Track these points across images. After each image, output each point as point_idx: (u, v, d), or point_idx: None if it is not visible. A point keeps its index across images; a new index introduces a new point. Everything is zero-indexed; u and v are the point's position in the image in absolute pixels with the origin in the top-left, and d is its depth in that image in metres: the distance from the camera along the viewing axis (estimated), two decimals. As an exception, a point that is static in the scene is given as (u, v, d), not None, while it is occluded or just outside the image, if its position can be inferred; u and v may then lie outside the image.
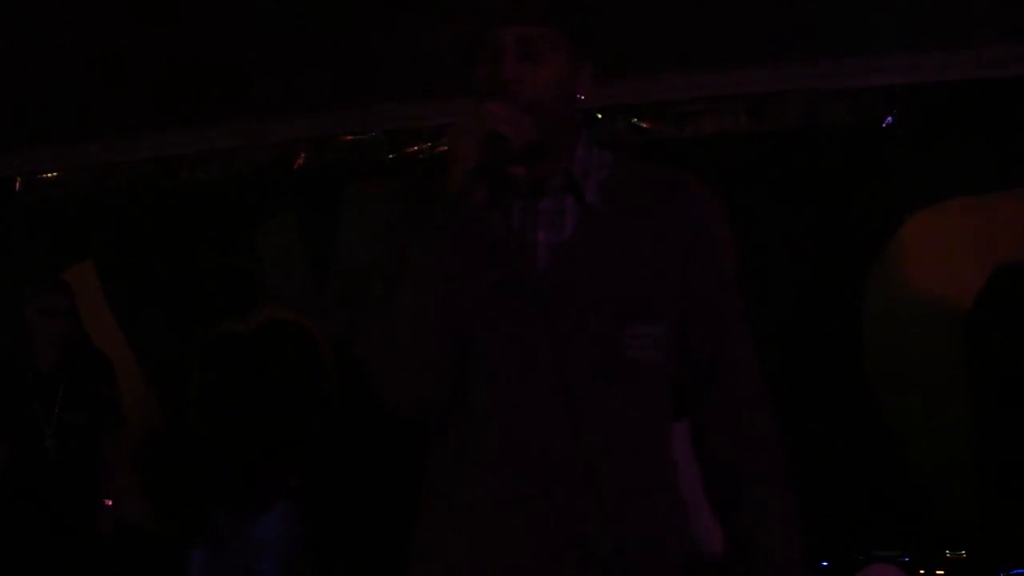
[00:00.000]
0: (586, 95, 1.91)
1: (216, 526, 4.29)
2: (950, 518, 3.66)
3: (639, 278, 1.87)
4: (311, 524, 4.40)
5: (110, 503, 4.32)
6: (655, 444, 1.91)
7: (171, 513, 4.50)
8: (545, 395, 1.83)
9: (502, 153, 1.76)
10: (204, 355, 4.48)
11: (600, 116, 4.57)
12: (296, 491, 4.32)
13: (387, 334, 1.84)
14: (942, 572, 3.26)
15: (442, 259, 1.79)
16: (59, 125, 5.13)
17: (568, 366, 1.82)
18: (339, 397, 4.57)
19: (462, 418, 1.87)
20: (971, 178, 4.22)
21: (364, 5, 4.39)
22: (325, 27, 4.22)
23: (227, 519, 4.28)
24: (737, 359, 1.96)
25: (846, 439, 4.11)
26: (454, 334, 1.82)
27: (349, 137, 5.07)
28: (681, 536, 1.94)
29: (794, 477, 1.97)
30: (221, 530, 4.28)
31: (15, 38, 4.17)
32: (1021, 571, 3.05)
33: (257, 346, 4.40)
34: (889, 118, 4.42)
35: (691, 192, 1.96)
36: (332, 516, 4.57)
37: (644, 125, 4.66)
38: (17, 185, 5.53)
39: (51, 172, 5.50)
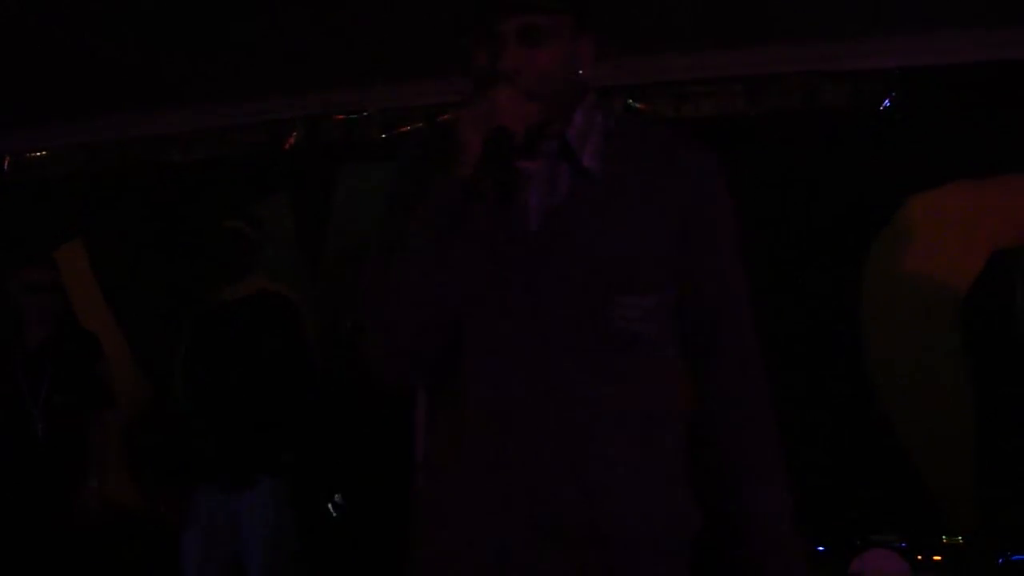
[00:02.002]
0: (587, 70, 1.89)
1: (201, 503, 4.26)
2: (948, 503, 3.65)
3: (631, 246, 1.84)
4: (299, 502, 4.37)
5: (97, 484, 4.28)
6: (644, 417, 1.86)
7: (159, 493, 4.46)
8: (529, 363, 1.80)
9: (508, 147, 1.75)
10: (191, 322, 4.45)
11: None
12: (283, 467, 4.28)
13: (381, 309, 1.82)
14: (939, 558, 3.25)
15: (443, 243, 1.78)
16: (49, 104, 5.09)
17: (552, 334, 1.80)
18: (323, 375, 4.53)
19: (452, 385, 1.86)
20: (969, 161, 4.21)
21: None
22: (318, 5, 4.19)
23: (213, 495, 4.25)
24: (739, 327, 1.94)
25: (843, 424, 4.10)
26: (448, 306, 1.80)
27: (341, 116, 5.04)
28: (673, 515, 1.88)
29: (791, 463, 1.96)
30: (207, 507, 4.25)
31: (2, 17, 4.13)
32: (1019, 557, 3.04)
33: (243, 314, 4.35)
34: (887, 101, 4.41)
35: (692, 156, 1.92)
36: (320, 494, 4.55)
37: (640, 106, 4.64)
38: (6, 164, 5.51)
39: (40, 151, 5.47)
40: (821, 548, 3.62)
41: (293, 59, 4.64)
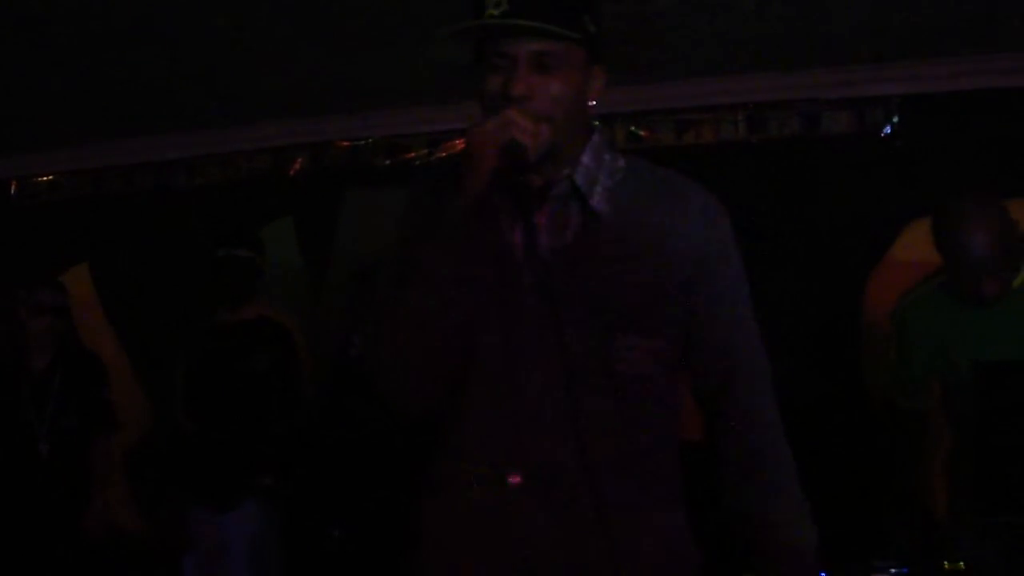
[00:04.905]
0: (597, 100, 1.90)
1: (196, 526, 4.29)
2: (949, 529, 3.64)
3: (638, 289, 1.85)
4: (286, 526, 4.38)
5: (100, 506, 4.30)
6: (652, 457, 1.89)
7: (161, 516, 4.48)
8: (536, 403, 1.82)
9: (521, 161, 1.77)
10: (190, 345, 4.50)
11: (598, 123, 4.56)
12: (268, 490, 4.31)
13: (393, 332, 1.83)
14: (940, 583, 3.25)
15: (455, 264, 1.79)
16: (55, 129, 5.12)
17: (559, 374, 1.81)
18: (321, 402, 4.55)
19: (459, 420, 1.87)
20: (971, 187, 4.21)
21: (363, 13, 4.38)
22: (323, 33, 4.21)
23: (205, 518, 4.29)
24: (750, 373, 1.95)
25: (845, 448, 4.10)
26: (459, 336, 1.81)
27: (346, 143, 5.06)
28: (679, 551, 1.91)
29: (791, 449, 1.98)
30: (200, 530, 4.28)
31: (10, 41, 4.16)
32: (1021, 583, 3.06)
33: (239, 339, 4.40)
34: (888, 127, 4.42)
35: (702, 203, 1.93)
36: (310, 519, 4.55)
37: (642, 133, 4.66)
38: (13, 189, 5.52)
39: (47, 176, 5.48)
40: (823, 574, 3.62)
41: (298, 86, 4.66)
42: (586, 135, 1.92)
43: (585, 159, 1.90)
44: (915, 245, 4.25)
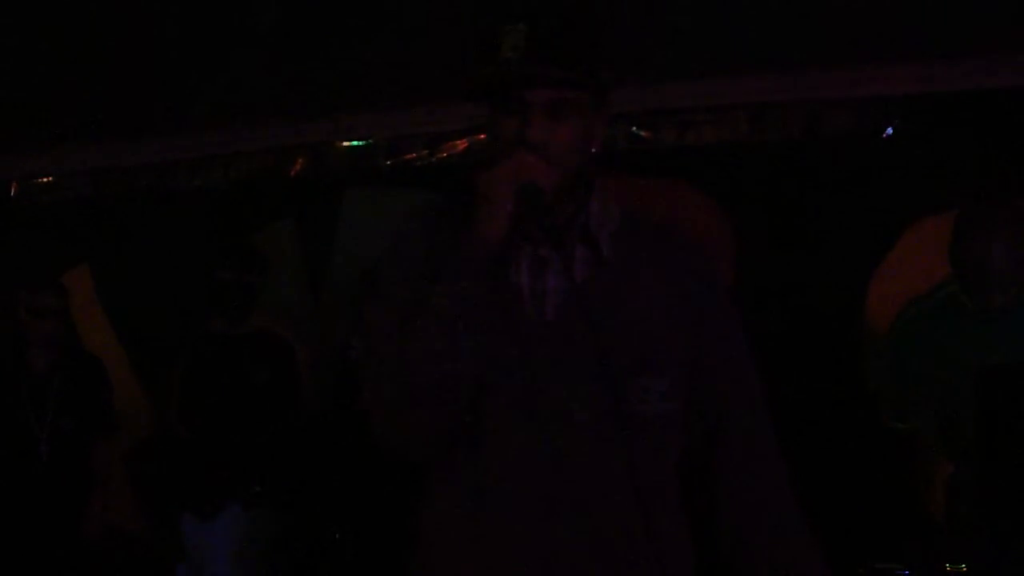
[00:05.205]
0: (599, 147, 1.92)
1: (187, 531, 4.30)
2: (951, 531, 3.63)
3: (647, 330, 1.87)
4: (275, 535, 4.38)
5: (100, 509, 4.30)
6: (664, 496, 1.90)
7: (160, 519, 4.48)
8: (551, 446, 1.81)
9: (539, 203, 1.78)
10: (189, 352, 4.50)
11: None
12: (256, 497, 4.31)
13: (397, 375, 1.80)
14: (943, 586, 3.24)
15: (465, 306, 1.78)
16: (56, 130, 5.11)
17: (569, 417, 1.81)
18: (313, 413, 4.56)
19: (467, 468, 1.85)
20: (972, 188, 4.20)
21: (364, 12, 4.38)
22: (323, 33, 4.21)
23: (195, 524, 4.31)
24: (751, 411, 1.98)
25: (845, 450, 4.09)
26: (466, 382, 1.79)
27: (347, 144, 5.05)
28: None
29: (792, 488, 1.97)
30: (191, 536, 4.30)
31: (11, 41, 4.16)
32: (1023, 585, 3.05)
33: (237, 350, 4.41)
34: (890, 128, 4.41)
35: (698, 252, 1.99)
36: (303, 528, 4.54)
37: (643, 134, 4.64)
38: (13, 190, 5.52)
39: (47, 177, 5.48)
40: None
41: (299, 86, 4.66)
42: (589, 181, 1.93)
43: (594, 205, 1.92)
44: (917, 246, 4.25)
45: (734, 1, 3.87)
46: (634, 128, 4.63)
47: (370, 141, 5.02)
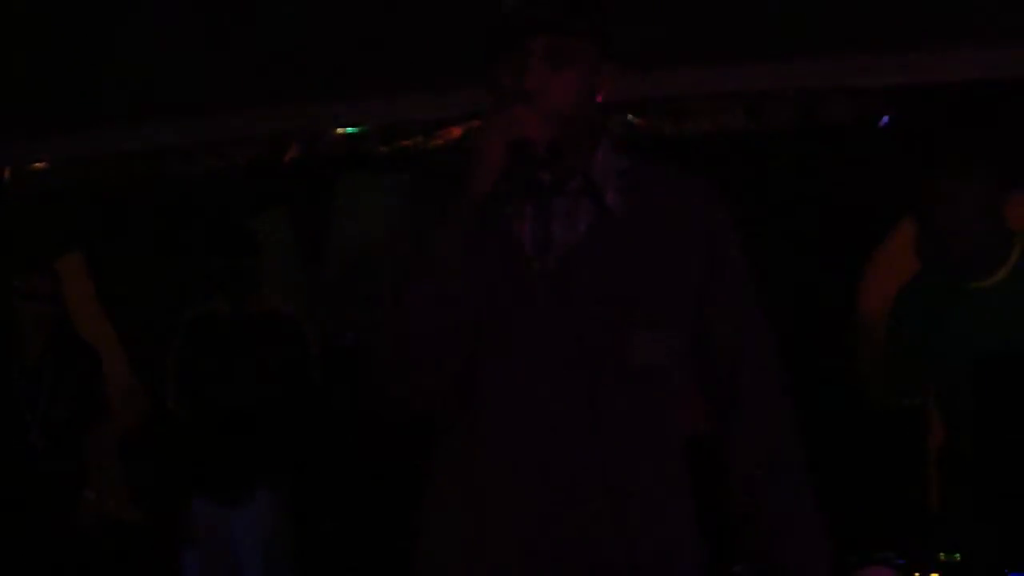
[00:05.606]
0: (605, 96, 1.91)
1: (199, 518, 4.26)
2: (946, 519, 3.65)
3: (651, 283, 1.86)
4: (298, 520, 4.36)
5: (94, 496, 4.29)
6: (666, 450, 1.90)
7: (156, 507, 4.46)
8: (552, 398, 1.81)
9: (529, 158, 1.77)
10: (185, 333, 4.46)
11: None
12: (280, 482, 4.28)
13: (399, 326, 1.81)
14: (937, 575, 3.24)
15: (463, 257, 1.78)
16: (49, 116, 5.10)
17: (575, 369, 1.81)
18: (325, 394, 4.54)
19: (469, 418, 1.85)
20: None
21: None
22: (318, 18, 4.20)
23: (212, 510, 4.25)
24: (761, 367, 1.96)
25: (840, 439, 4.09)
26: (468, 328, 1.80)
27: (341, 130, 5.04)
28: (693, 545, 1.92)
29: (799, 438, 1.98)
30: (206, 523, 4.25)
31: (3, 28, 4.14)
32: (1017, 574, 3.04)
33: (245, 331, 4.38)
34: (886, 118, 4.41)
35: (705, 194, 1.95)
36: (321, 514, 4.54)
37: (639, 122, 4.64)
38: (6, 176, 5.50)
39: (40, 163, 5.46)
40: None
41: (293, 72, 4.65)
42: (595, 131, 1.92)
43: (599, 156, 1.90)
44: (913, 235, 4.25)
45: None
46: (630, 116, 4.63)
47: (365, 127, 5.01)
